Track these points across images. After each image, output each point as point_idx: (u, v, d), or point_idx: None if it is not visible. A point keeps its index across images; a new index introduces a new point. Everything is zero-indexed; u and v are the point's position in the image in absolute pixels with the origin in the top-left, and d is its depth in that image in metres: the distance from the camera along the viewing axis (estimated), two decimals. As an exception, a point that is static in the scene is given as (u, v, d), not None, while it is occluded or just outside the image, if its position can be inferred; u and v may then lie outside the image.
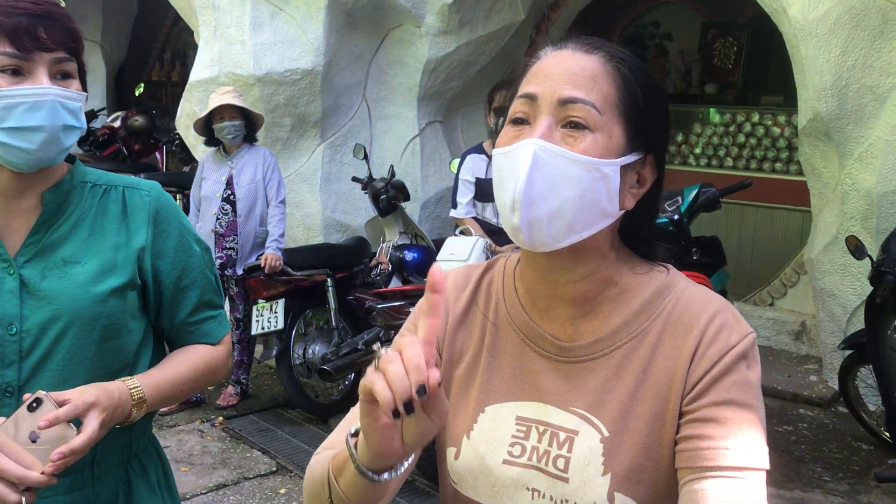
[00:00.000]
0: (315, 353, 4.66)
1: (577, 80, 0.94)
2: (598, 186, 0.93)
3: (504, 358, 1.05)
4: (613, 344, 0.99)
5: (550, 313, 1.03)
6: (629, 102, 0.95)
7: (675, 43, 8.86)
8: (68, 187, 1.37)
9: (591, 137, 0.92)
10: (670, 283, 1.01)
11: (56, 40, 1.26)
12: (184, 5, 5.88)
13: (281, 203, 4.66)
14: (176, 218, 1.45)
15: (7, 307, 1.29)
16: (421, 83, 5.86)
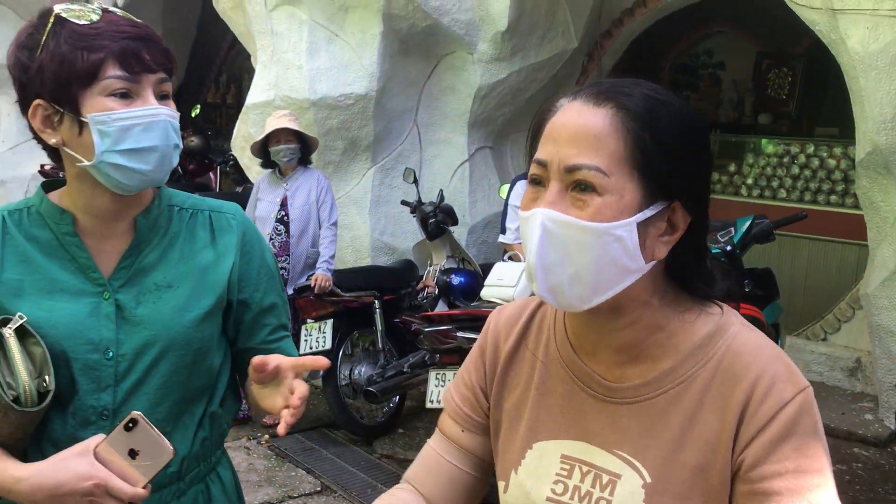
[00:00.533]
0: (361, 374, 4.68)
1: (581, 143, 0.91)
2: (612, 249, 0.91)
3: (553, 395, 1.05)
4: (659, 389, 0.97)
5: (597, 356, 1.03)
6: (641, 155, 0.91)
7: (728, 72, 8.79)
8: (157, 211, 1.38)
9: (599, 201, 0.90)
10: (722, 326, 0.98)
11: (157, 61, 1.27)
12: (243, 30, 6.03)
13: (332, 225, 4.73)
14: (259, 242, 1.48)
15: (104, 332, 1.31)
16: (472, 109, 5.90)
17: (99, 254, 1.34)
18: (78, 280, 1.32)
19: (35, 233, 1.33)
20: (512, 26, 5.48)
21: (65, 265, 1.32)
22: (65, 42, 1.22)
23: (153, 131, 1.26)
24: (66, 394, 1.30)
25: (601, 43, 6.40)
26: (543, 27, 5.77)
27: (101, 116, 1.23)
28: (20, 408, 1.21)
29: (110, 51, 1.23)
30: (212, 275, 1.39)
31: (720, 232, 3.83)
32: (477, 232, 6.12)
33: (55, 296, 1.30)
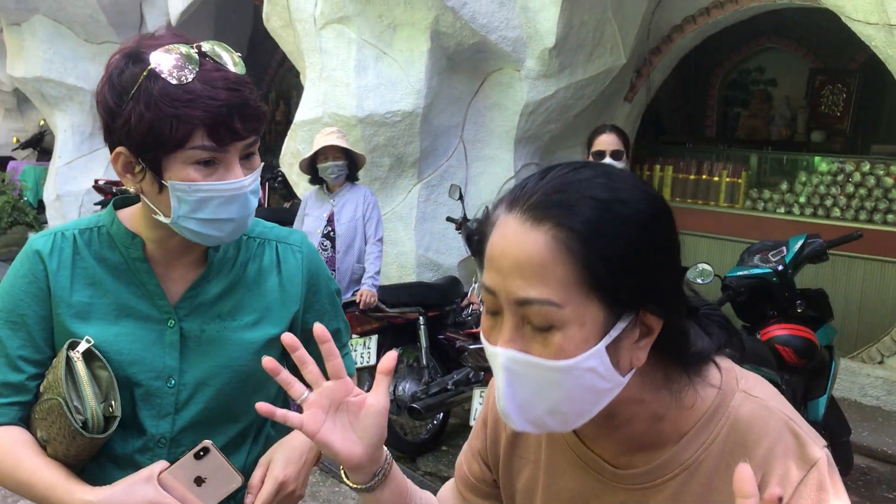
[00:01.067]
0: (405, 390, 4.68)
1: (526, 273, 0.82)
2: (586, 379, 0.84)
3: (562, 478, 1.02)
4: (666, 474, 0.93)
5: (599, 443, 0.99)
6: (592, 278, 0.82)
7: (779, 89, 8.66)
8: (228, 244, 1.37)
9: (559, 336, 0.82)
10: (722, 402, 0.93)
11: (249, 129, 1.22)
12: (292, 48, 6.13)
13: (378, 241, 4.75)
14: (324, 271, 1.48)
15: (168, 360, 1.31)
16: (518, 126, 5.90)
17: (167, 281, 1.33)
18: (145, 306, 1.31)
19: (105, 254, 1.32)
20: (559, 43, 5.47)
21: (133, 290, 1.31)
22: (156, 104, 1.16)
23: (233, 204, 1.24)
24: (127, 418, 1.30)
25: (650, 59, 6.35)
26: (591, 44, 5.75)
27: (181, 185, 1.20)
28: (88, 434, 1.22)
29: (201, 121, 1.17)
30: (276, 306, 1.39)
31: (771, 251, 3.75)
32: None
33: (121, 321, 1.30)
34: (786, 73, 8.55)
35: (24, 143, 12.21)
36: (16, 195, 10.19)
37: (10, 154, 12.62)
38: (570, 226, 0.82)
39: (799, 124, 8.33)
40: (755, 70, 8.84)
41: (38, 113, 11.76)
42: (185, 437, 1.32)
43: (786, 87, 8.59)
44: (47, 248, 1.31)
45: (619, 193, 0.84)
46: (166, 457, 1.30)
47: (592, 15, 5.62)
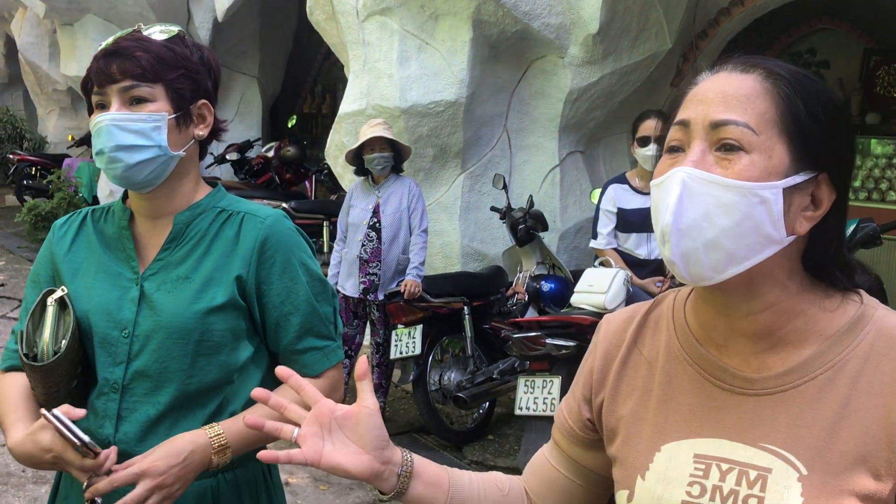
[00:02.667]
0: (451, 379, 4.70)
1: (730, 101, 0.89)
2: (757, 212, 0.87)
3: (680, 394, 1.00)
4: (806, 375, 0.91)
5: (730, 347, 0.97)
6: (791, 119, 0.89)
7: (833, 71, 8.43)
8: (199, 211, 1.51)
9: (746, 159, 0.87)
10: (866, 312, 0.93)
11: (122, 71, 1.41)
12: (336, 41, 6.17)
13: (423, 232, 4.77)
14: (284, 247, 1.51)
15: (126, 313, 1.46)
16: (563, 113, 5.85)
17: (145, 247, 1.51)
18: (121, 268, 1.49)
19: (104, 227, 1.55)
20: (604, 29, 5.41)
21: (117, 255, 1.51)
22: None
23: (100, 136, 1.41)
24: (92, 365, 1.47)
25: (696, 44, 6.24)
26: (636, 29, 5.67)
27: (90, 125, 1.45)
28: (28, 361, 1.40)
29: (90, 71, 1.43)
30: (225, 273, 1.47)
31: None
32: (568, 238, 6.06)
33: (99, 277, 1.49)
34: (839, 55, 8.32)
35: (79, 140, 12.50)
36: (71, 192, 10.46)
37: (66, 151, 12.95)
38: (779, 73, 0.91)
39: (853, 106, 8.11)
40: (807, 52, 8.62)
41: (92, 111, 12.03)
42: (137, 385, 1.44)
43: (839, 68, 8.36)
44: (61, 221, 1.59)
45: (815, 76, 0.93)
46: (118, 402, 1.44)
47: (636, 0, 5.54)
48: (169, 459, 1.36)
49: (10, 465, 4.19)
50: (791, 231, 0.90)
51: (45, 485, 3.99)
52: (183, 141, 1.46)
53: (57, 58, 11.13)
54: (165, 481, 1.34)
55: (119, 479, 1.32)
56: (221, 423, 1.44)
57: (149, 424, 1.43)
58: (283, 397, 1.36)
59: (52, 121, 13.95)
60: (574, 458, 1.13)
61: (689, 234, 0.88)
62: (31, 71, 13.01)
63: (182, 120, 1.46)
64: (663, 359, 1.03)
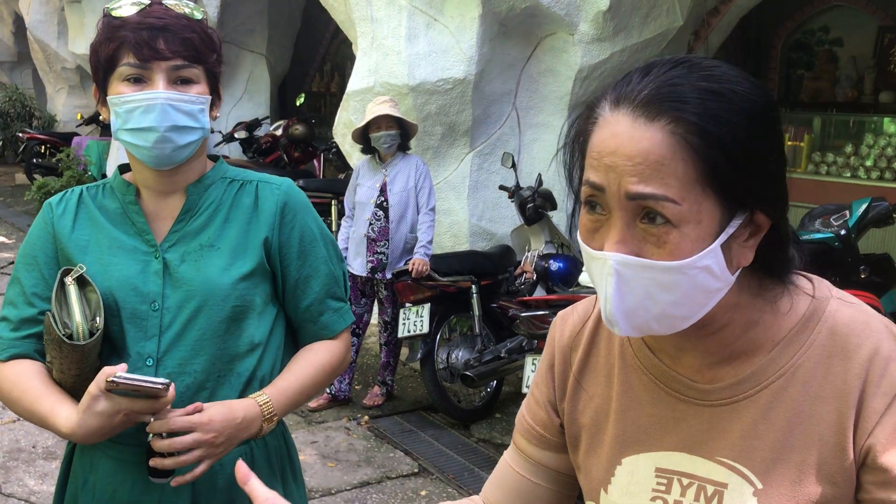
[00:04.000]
0: (458, 358, 4.70)
1: (643, 170, 0.79)
2: (700, 279, 0.82)
3: (639, 404, 0.97)
4: (759, 384, 0.89)
5: (682, 360, 0.94)
6: (710, 172, 0.80)
7: (846, 49, 8.34)
8: (209, 182, 1.52)
9: (675, 234, 0.80)
10: (818, 307, 0.89)
11: (172, 49, 1.39)
12: (344, 18, 6.12)
13: (431, 211, 4.75)
14: (302, 211, 1.56)
15: (152, 286, 1.45)
16: (572, 91, 5.80)
17: (155, 220, 1.50)
18: (135, 241, 1.48)
19: (105, 203, 1.53)
20: (614, 5, 5.35)
21: (126, 229, 1.49)
22: (99, 34, 1.42)
23: (151, 113, 1.38)
24: (117, 341, 1.45)
25: (708, 20, 6.17)
26: (647, 5, 5.61)
27: (113, 99, 1.41)
28: (70, 342, 1.37)
29: (125, 41, 1.38)
30: (252, 239, 1.50)
31: (834, 215, 3.64)
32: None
33: (114, 252, 1.47)
34: (852, 32, 8.22)
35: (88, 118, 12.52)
36: (80, 170, 10.48)
37: (75, 130, 12.97)
38: (688, 119, 0.79)
39: (866, 85, 8.02)
40: (820, 30, 8.52)
41: (100, 89, 12.02)
42: (170, 357, 1.44)
43: (852, 46, 8.26)
44: (56, 200, 1.54)
45: (731, 84, 0.82)
46: (153, 375, 1.42)
47: (648, -24, 5.47)
48: (225, 419, 1.38)
49: (21, 440, 4.23)
50: (736, 268, 0.86)
51: (55, 460, 4.02)
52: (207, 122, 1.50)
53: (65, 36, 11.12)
54: (216, 440, 1.36)
55: (177, 424, 1.33)
56: (268, 392, 1.47)
57: (189, 395, 1.43)
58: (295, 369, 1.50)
59: (61, 99, 13.95)
60: (542, 462, 1.09)
61: (636, 313, 0.84)
62: (40, 49, 13.00)
63: (214, 102, 1.50)
64: (619, 366, 1.00)
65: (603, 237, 0.84)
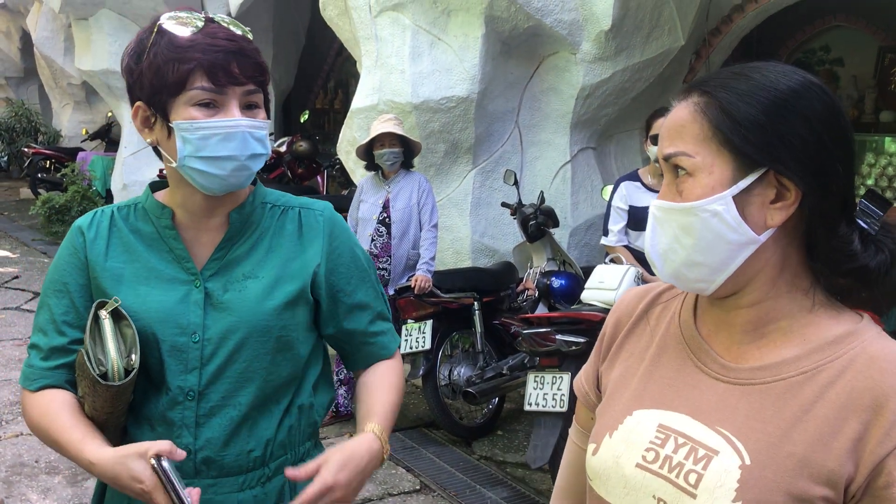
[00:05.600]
0: (460, 375, 4.71)
1: (671, 134, 0.99)
2: (712, 224, 0.94)
3: (665, 368, 1.07)
4: (778, 375, 0.96)
5: (717, 335, 1.04)
6: (721, 131, 0.95)
7: (847, 68, 8.37)
8: (251, 208, 1.46)
9: (690, 181, 0.96)
10: (859, 330, 0.96)
11: (247, 74, 1.33)
12: (348, 36, 6.18)
13: (433, 227, 4.78)
14: (346, 235, 1.53)
15: (192, 317, 1.39)
16: (574, 110, 5.84)
17: (194, 245, 1.43)
18: (173, 269, 1.41)
19: (139, 226, 1.44)
20: (616, 25, 5.40)
21: (162, 255, 1.42)
22: (161, 52, 1.31)
23: (231, 142, 1.32)
24: (156, 375, 1.39)
25: (709, 40, 6.22)
26: (649, 25, 5.66)
27: (184, 124, 1.32)
28: (105, 382, 1.31)
29: (199, 63, 1.30)
30: (296, 266, 1.44)
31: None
32: (579, 234, 6.05)
33: (151, 282, 1.40)
34: (853, 52, 8.26)
35: (93, 134, 12.60)
36: (85, 185, 10.54)
37: (80, 145, 13.03)
38: (706, 90, 0.98)
39: (867, 104, 8.04)
40: (821, 49, 8.56)
41: (106, 105, 12.12)
42: (213, 390, 1.39)
43: (853, 66, 8.30)
44: (86, 222, 1.45)
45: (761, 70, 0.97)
46: (195, 409, 1.37)
47: (650, -4, 5.52)
48: (354, 472, 1.33)
49: (23, 455, 4.24)
50: (763, 226, 0.94)
51: (57, 475, 4.03)
52: None
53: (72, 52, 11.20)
54: (347, 496, 1.32)
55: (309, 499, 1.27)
56: (377, 421, 1.44)
57: (232, 428, 1.39)
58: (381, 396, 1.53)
59: (67, 114, 14.04)
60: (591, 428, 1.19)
61: (667, 256, 0.99)
62: (47, 65, 13.10)
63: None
64: (662, 333, 1.11)
65: None
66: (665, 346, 1.09)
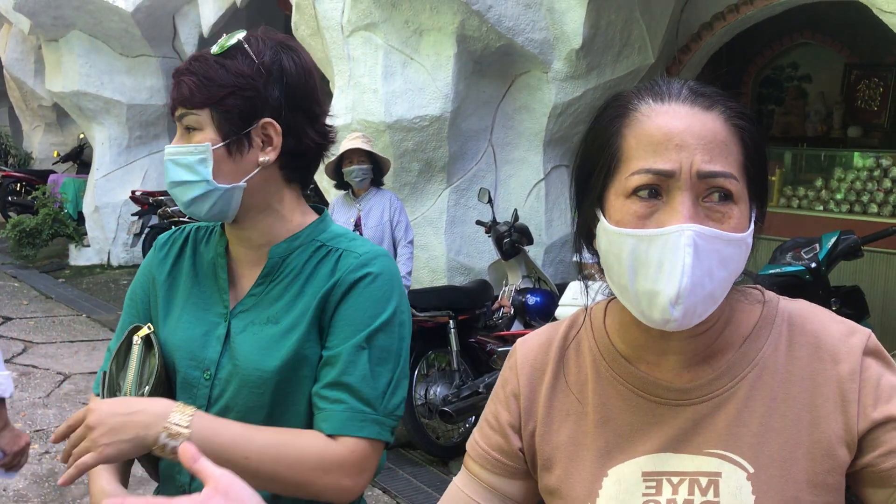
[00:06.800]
0: (436, 394, 4.68)
1: (712, 149, 0.86)
2: (743, 258, 0.89)
3: (617, 414, 0.98)
4: (735, 377, 0.94)
5: (662, 364, 0.97)
6: (752, 163, 0.90)
7: (814, 84, 8.52)
8: (297, 244, 1.32)
9: (737, 210, 0.87)
10: (770, 304, 0.97)
11: (177, 98, 1.27)
12: (321, 57, 6.18)
13: (409, 244, 4.78)
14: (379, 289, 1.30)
15: (210, 352, 1.30)
16: (547, 128, 5.88)
17: (241, 277, 1.35)
18: (213, 300, 1.34)
19: (202, 249, 1.40)
20: (587, 44, 5.45)
21: (209, 284, 1.36)
22: None
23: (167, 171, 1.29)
24: None
25: (679, 58, 6.30)
26: (619, 44, 5.72)
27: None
28: None
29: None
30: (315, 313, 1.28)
31: (804, 248, 3.69)
32: (554, 251, 6.07)
33: (189, 309, 1.35)
34: (821, 69, 8.41)
35: (65, 156, 12.47)
36: (56, 208, 10.40)
37: (51, 167, 12.90)
38: (735, 109, 0.90)
39: (835, 120, 8.19)
40: (789, 66, 8.71)
41: (78, 127, 12.01)
42: None
43: (821, 82, 8.45)
44: (163, 239, 1.44)
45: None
46: None
47: (619, 15, 5.59)
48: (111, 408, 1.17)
49: (-9, 483, 4.15)
50: None
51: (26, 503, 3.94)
52: (241, 171, 1.26)
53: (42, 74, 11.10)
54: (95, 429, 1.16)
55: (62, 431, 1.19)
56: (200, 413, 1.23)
57: None
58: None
59: (38, 136, 13.89)
60: (497, 487, 1.06)
61: (694, 290, 0.84)
62: (17, 87, 12.97)
63: (234, 147, 1.25)
64: (593, 380, 1.00)
65: (661, 219, 0.86)
66: (604, 393, 0.99)
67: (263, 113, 1.26)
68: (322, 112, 1.33)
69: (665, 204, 0.86)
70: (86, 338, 7.01)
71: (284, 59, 1.28)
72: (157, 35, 9.36)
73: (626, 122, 0.90)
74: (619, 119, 0.91)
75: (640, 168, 0.87)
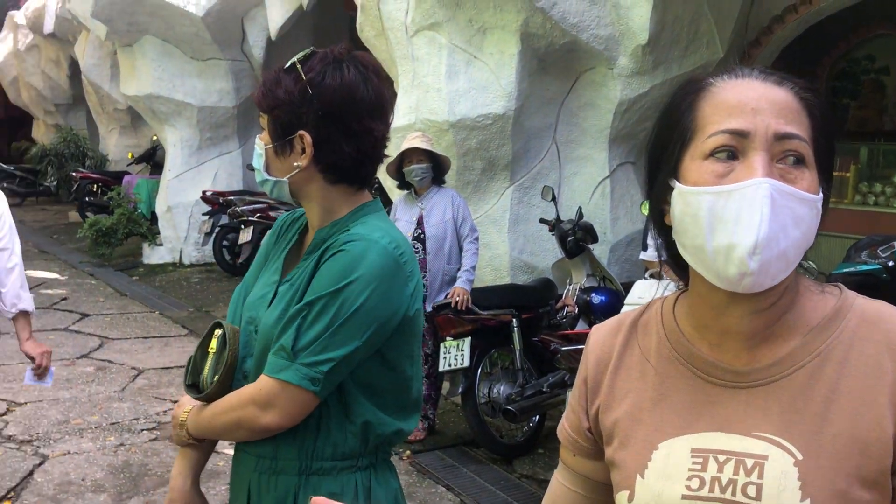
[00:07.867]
0: (500, 392, 4.68)
1: (786, 114, 0.92)
2: (815, 221, 0.92)
3: (675, 393, 1.02)
4: (795, 364, 0.95)
5: (723, 345, 1.00)
6: (819, 136, 0.94)
7: (893, 77, 8.22)
8: (335, 229, 1.50)
9: (808, 173, 0.91)
10: (846, 300, 0.98)
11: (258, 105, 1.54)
12: (385, 57, 6.24)
13: (475, 239, 4.79)
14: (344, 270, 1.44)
15: (260, 311, 1.52)
16: (612, 125, 5.82)
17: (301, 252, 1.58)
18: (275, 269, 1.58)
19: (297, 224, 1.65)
20: (653, 39, 5.37)
21: (281, 255, 1.60)
22: None
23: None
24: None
25: (749, 52, 6.15)
26: (686, 39, 5.62)
27: None
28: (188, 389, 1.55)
29: None
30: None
31: (881, 246, 3.57)
32: (619, 250, 6.00)
33: (263, 276, 1.61)
34: (899, 61, 8.11)
35: (138, 158, 12.86)
36: (131, 208, 10.74)
37: (126, 169, 13.32)
38: (804, 87, 0.95)
39: (913, 113, 7.89)
40: (865, 59, 8.42)
41: (151, 129, 12.38)
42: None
43: (899, 74, 8.14)
44: (283, 218, 1.69)
45: None
46: None
47: (687, 9, 5.49)
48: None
49: (70, 473, 4.31)
50: None
51: (103, 493, 4.08)
52: (285, 169, 1.50)
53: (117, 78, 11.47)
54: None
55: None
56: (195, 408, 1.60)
57: None
58: None
59: (113, 139, 14.37)
60: (581, 472, 1.15)
61: (769, 244, 0.87)
62: (94, 91, 13.44)
63: (279, 150, 1.50)
64: (655, 360, 1.05)
65: (738, 177, 0.90)
66: (665, 372, 1.04)
67: (300, 126, 1.46)
68: (363, 129, 1.46)
69: (741, 163, 0.91)
70: (158, 334, 7.23)
71: (329, 79, 1.45)
72: (226, 38, 9.58)
73: (702, 94, 0.96)
74: (694, 94, 0.97)
75: (717, 129, 0.92)
